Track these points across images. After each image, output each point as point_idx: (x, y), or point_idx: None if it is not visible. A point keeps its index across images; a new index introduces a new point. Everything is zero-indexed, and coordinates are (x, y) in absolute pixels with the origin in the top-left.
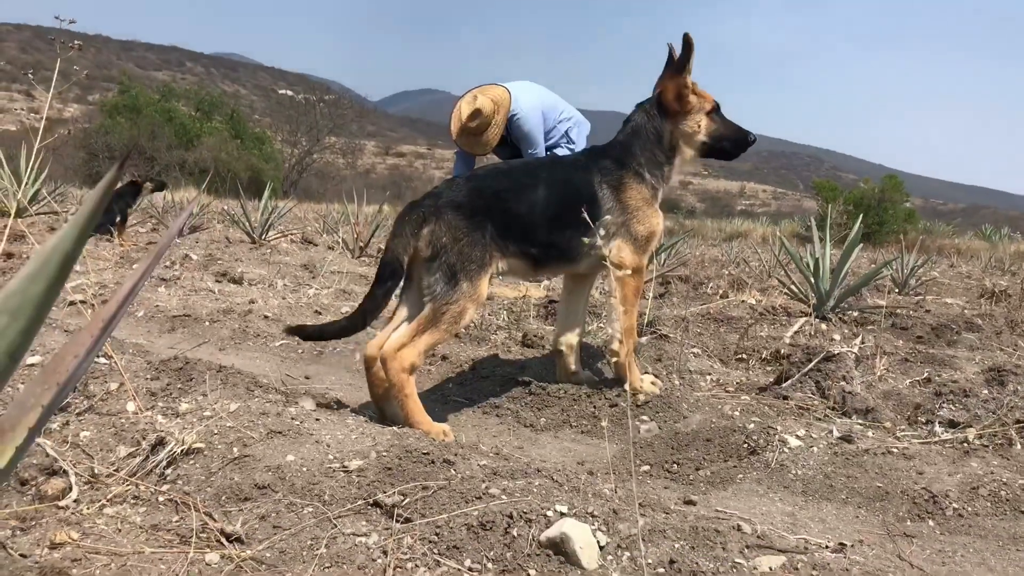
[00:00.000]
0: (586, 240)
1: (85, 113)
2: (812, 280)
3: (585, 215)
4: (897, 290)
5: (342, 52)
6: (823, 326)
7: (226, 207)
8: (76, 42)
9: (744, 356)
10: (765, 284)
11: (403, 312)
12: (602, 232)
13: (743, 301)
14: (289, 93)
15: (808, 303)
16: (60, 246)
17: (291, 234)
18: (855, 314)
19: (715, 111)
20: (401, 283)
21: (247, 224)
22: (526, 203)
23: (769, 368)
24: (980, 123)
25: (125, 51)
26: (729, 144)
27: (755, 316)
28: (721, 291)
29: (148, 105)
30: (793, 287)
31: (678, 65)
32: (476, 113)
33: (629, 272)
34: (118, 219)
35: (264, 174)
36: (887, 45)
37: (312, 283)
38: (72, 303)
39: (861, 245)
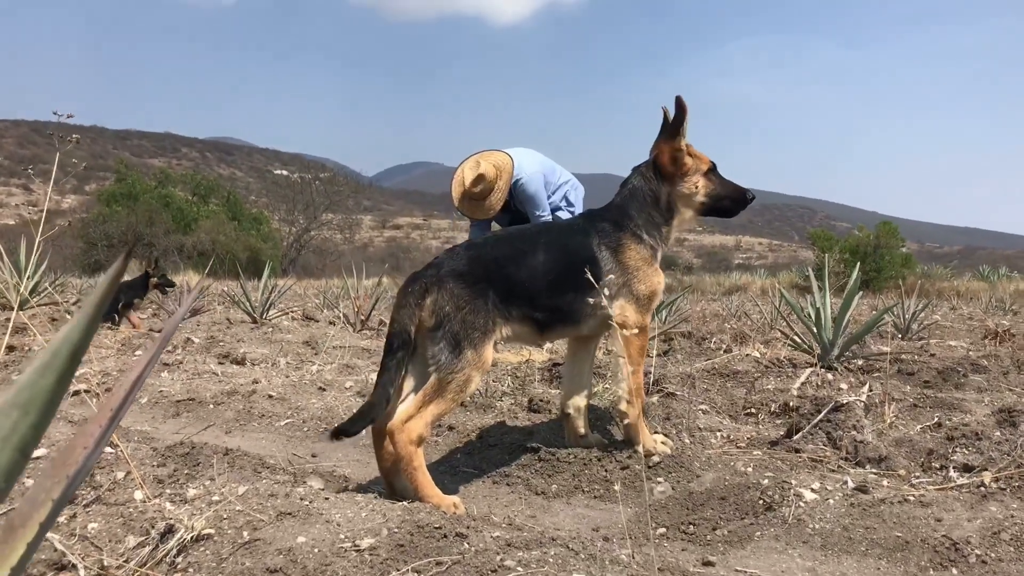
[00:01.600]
0: (591, 300)
1: (82, 203)
2: (815, 330)
3: (589, 276)
4: (900, 335)
5: (335, 130)
6: (829, 376)
7: (225, 288)
8: (74, 136)
9: (753, 410)
10: (768, 336)
11: (409, 383)
12: (605, 292)
13: (748, 355)
14: (285, 173)
15: (813, 353)
16: (69, 338)
17: (292, 312)
18: (860, 362)
19: (712, 171)
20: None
21: (248, 304)
22: (527, 268)
23: (778, 421)
24: (971, 165)
25: (120, 140)
26: (728, 203)
27: (760, 369)
28: (725, 345)
29: (145, 192)
30: (796, 338)
31: (672, 128)
32: (479, 179)
33: (634, 331)
34: (121, 305)
35: (263, 253)
36: (871, 95)
37: (315, 359)
38: (76, 392)
39: (861, 292)
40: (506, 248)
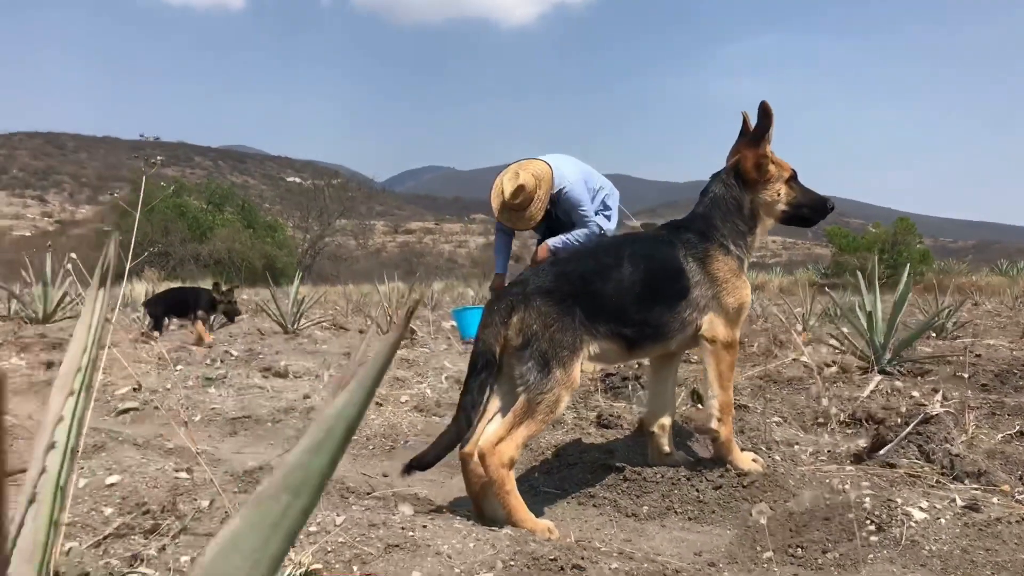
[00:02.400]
0: (681, 315)
1: (97, 213)
2: (868, 333)
3: (676, 290)
4: (934, 335)
5: (346, 136)
6: (898, 383)
7: (245, 296)
8: (158, 157)
9: (822, 420)
10: (806, 339)
11: (495, 403)
12: (693, 306)
13: (794, 359)
14: (297, 180)
15: (867, 358)
16: (344, 414)
17: (323, 321)
18: (909, 365)
19: (793, 178)
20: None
21: (279, 314)
22: (613, 283)
23: (849, 431)
24: (982, 159)
25: (135, 150)
26: (808, 211)
27: (811, 375)
28: (763, 349)
29: (160, 201)
30: (847, 342)
31: (756, 134)
32: (519, 190)
33: (724, 346)
34: (194, 317)
35: (278, 261)
36: (882, 92)
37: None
38: (125, 411)
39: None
40: (591, 263)
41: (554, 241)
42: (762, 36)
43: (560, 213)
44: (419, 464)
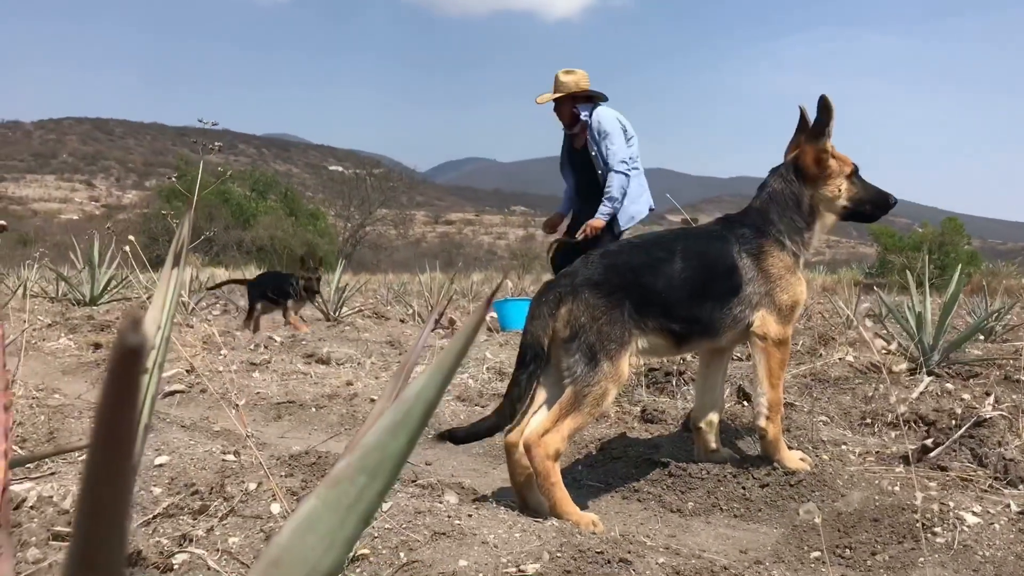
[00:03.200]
0: (733, 310)
1: (143, 198)
2: (916, 334)
3: (728, 286)
4: (982, 337)
5: (388, 126)
6: (949, 385)
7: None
8: (216, 143)
9: (869, 421)
10: (851, 338)
11: (542, 395)
12: (745, 303)
13: (840, 359)
14: (340, 169)
15: (916, 359)
16: (423, 395)
17: (364, 309)
18: (957, 367)
19: (854, 174)
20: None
21: (321, 302)
22: (664, 277)
23: (896, 433)
24: None
25: (180, 137)
26: (870, 207)
27: (859, 375)
28: (808, 347)
29: (204, 188)
30: (896, 342)
31: (816, 129)
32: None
33: (775, 343)
34: (284, 309)
35: (319, 249)
36: (929, 87)
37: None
38: (171, 393)
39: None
40: (642, 256)
41: (601, 211)
42: (809, 31)
43: (595, 143)
44: (451, 436)
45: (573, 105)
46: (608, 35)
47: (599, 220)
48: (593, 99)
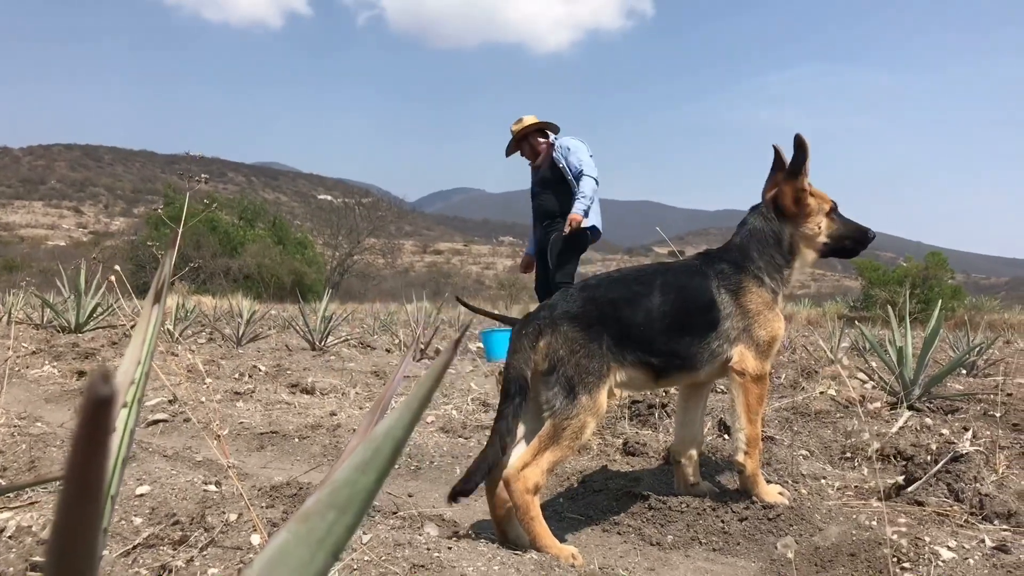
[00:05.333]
0: (710, 346)
1: (131, 225)
2: (897, 368)
3: (706, 320)
4: (964, 372)
5: (378, 156)
6: (928, 420)
7: (274, 312)
8: (203, 176)
9: (849, 455)
10: (834, 372)
11: (522, 428)
12: (724, 338)
13: (821, 392)
14: (329, 198)
15: (896, 393)
16: (392, 434)
17: (349, 339)
18: (939, 402)
19: (833, 211)
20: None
21: (307, 331)
22: (643, 311)
23: (877, 467)
24: (1017, 195)
25: (169, 164)
26: (850, 243)
27: (840, 409)
28: (791, 381)
29: (198, 216)
30: (876, 376)
31: (793, 167)
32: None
33: (753, 379)
34: None
35: (307, 277)
36: (913, 124)
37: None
38: (154, 422)
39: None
40: (621, 289)
41: (577, 208)
42: (795, 66)
43: (566, 162)
44: (463, 491)
45: (535, 139)
46: (596, 69)
47: (576, 214)
48: (545, 130)
